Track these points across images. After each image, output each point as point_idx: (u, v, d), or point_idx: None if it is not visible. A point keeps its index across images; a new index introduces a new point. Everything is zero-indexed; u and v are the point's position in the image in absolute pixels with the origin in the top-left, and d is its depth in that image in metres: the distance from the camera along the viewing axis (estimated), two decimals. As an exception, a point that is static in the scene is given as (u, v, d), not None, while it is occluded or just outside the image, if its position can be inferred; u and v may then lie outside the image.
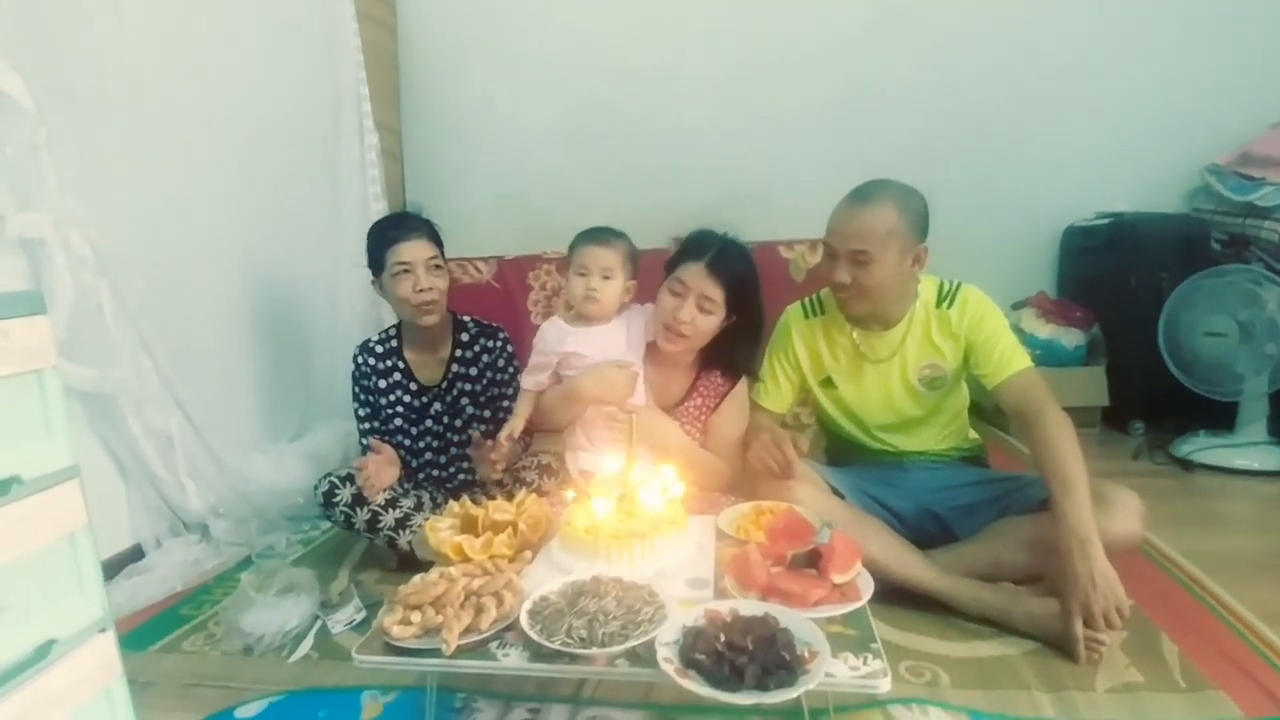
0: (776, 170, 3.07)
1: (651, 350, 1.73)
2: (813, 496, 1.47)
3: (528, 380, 1.73)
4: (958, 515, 1.61)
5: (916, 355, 1.63)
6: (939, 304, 1.61)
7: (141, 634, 1.62)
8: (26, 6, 1.59)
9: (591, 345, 1.67)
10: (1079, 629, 1.29)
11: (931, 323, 1.61)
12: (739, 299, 1.64)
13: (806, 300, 1.76)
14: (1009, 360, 1.55)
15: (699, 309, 1.62)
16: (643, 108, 3.13)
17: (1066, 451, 1.39)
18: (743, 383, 1.77)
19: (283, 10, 2.46)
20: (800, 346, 1.73)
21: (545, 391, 1.73)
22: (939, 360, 1.62)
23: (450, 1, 3.16)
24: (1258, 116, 2.75)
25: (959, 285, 1.63)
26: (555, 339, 1.69)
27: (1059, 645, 1.33)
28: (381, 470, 1.82)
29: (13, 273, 1.60)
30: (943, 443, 1.72)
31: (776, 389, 1.76)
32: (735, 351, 1.72)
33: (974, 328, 1.58)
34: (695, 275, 1.61)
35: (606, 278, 1.63)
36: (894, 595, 1.44)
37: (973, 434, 1.78)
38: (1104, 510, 1.36)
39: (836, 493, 1.58)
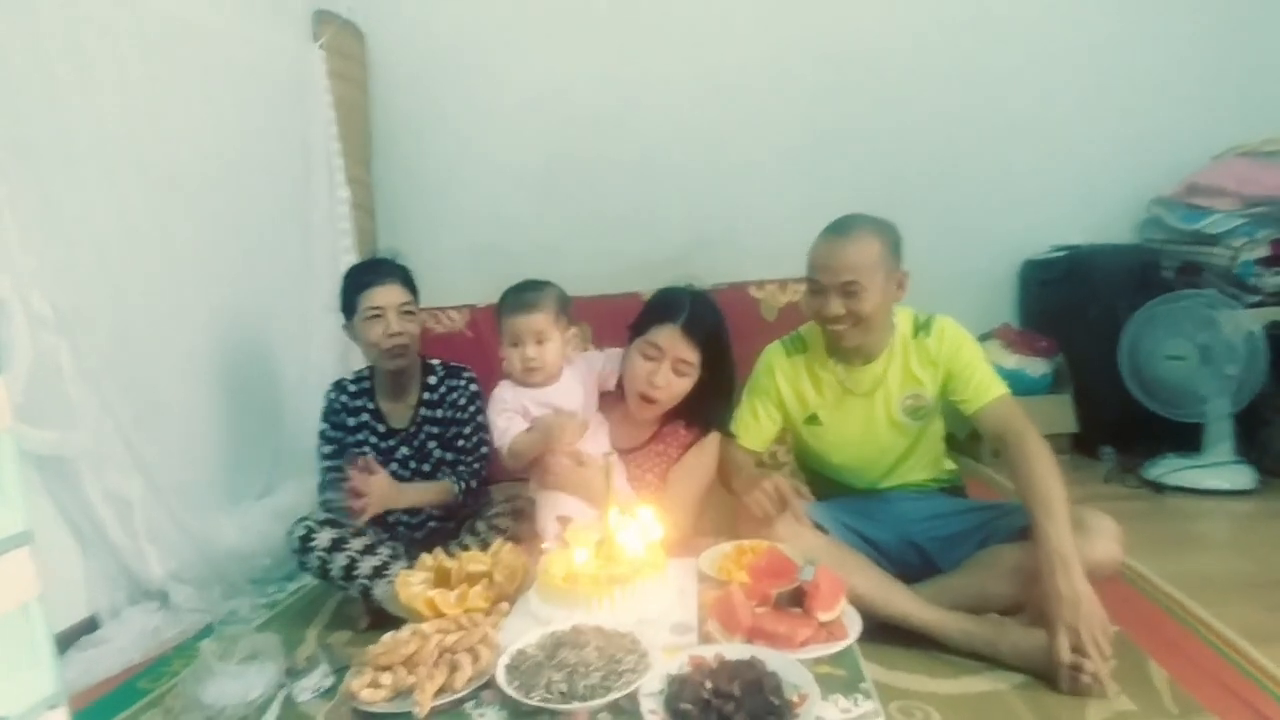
0: (744, 212, 3.13)
1: (612, 395, 1.71)
2: (795, 532, 1.46)
3: (502, 439, 1.64)
4: (940, 546, 1.60)
5: (899, 386, 1.65)
6: (915, 334, 1.65)
7: (96, 710, 1.54)
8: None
9: (547, 405, 1.63)
10: (1065, 652, 1.27)
11: (910, 353, 1.65)
12: (714, 357, 1.64)
13: (787, 339, 1.78)
14: (987, 387, 1.58)
15: (675, 372, 1.60)
16: (611, 156, 3.19)
17: (1047, 475, 1.40)
18: (710, 438, 1.73)
19: (252, 67, 2.47)
20: (784, 385, 1.73)
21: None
22: (920, 390, 1.64)
23: (421, 58, 3.21)
24: (1200, 149, 2.88)
25: (931, 316, 1.67)
26: (513, 399, 1.64)
27: (1048, 677, 1.31)
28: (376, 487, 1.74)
29: (-33, 333, 1.55)
30: (923, 472, 1.74)
31: (757, 427, 1.75)
32: (704, 407, 1.70)
33: (952, 355, 1.61)
34: (670, 338, 1.59)
35: (540, 342, 1.59)
36: (880, 632, 1.40)
37: (949, 463, 1.80)
38: (1082, 536, 1.36)
39: (819, 527, 1.56)
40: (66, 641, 1.72)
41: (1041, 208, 3.10)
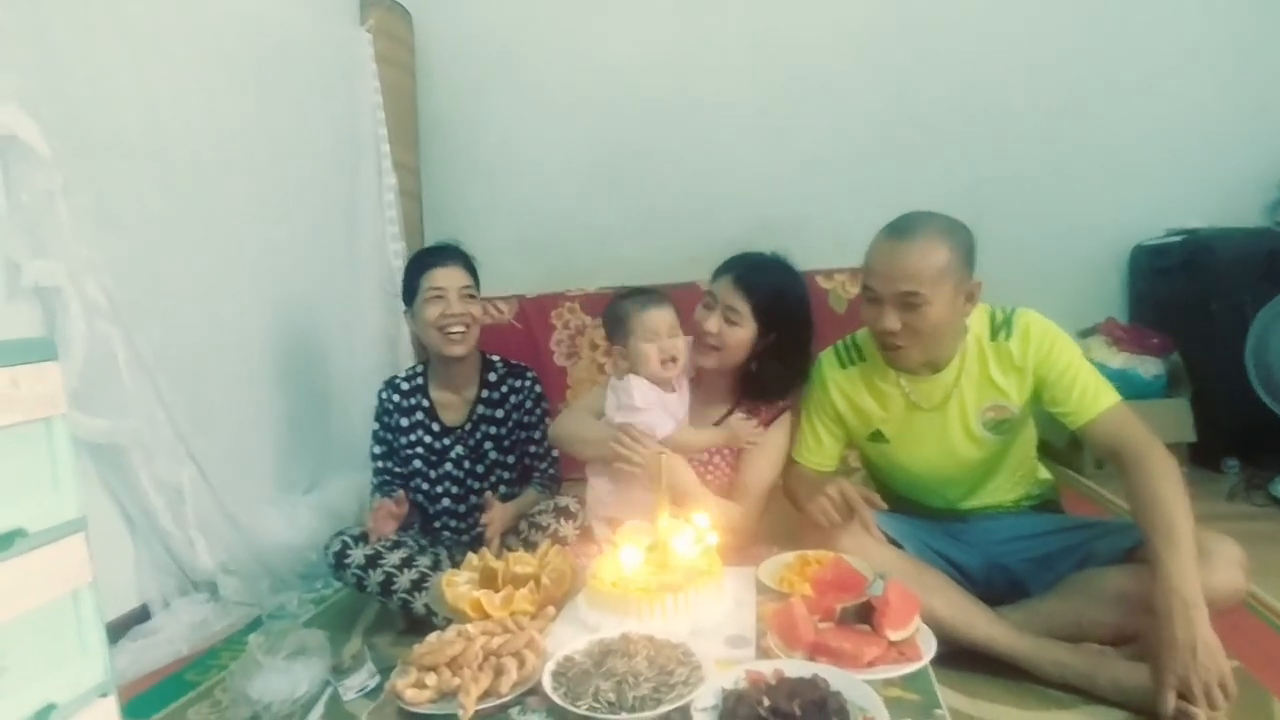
0: (813, 197, 3.09)
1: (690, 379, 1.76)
2: (864, 544, 1.42)
3: (629, 416, 1.65)
4: (1031, 569, 1.53)
5: (976, 396, 1.53)
6: (994, 336, 1.52)
7: (144, 701, 1.63)
8: (45, 56, 1.69)
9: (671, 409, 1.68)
10: (1171, 703, 1.20)
11: (989, 358, 1.52)
12: (771, 313, 1.66)
13: (840, 346, 1.69)
14: (1094, 396, 1.45)
15: (725, 320, 1.66)
16: (667, 141, 3.20)
17: (1171, 499, 1.29)
18: (781, 422, 1.75)
19: (300, 54, 2.58)
20: (840, 400, 1.66)
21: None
22: (1002, 400, 1.52)
23: (470, 41, 3.29)
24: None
25: (1013, 311, 1.53)
26: (643, 395, 1.65)
27: (1150, 716, 1.25)
28: (386, 518, 1.82)
29: (26, 320, 1.66)
30: (1012, 491, 1.64)
31: (819, 447, 1.70)
32: (771, 373, 1.72)
33: (1043, 360, 1.48)
34: (723, 287, 1.68)
35: (673, 335, 1.66)
36: (960, 657, 1.37)
37: (1043, 473, 1.71)
38: (1201, 561, 1.27)
39: (894, 542, 1.52)
40: (118, 631, 1.82)
41: (1155, 187, 2.95)
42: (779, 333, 1.68)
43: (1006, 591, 1.52)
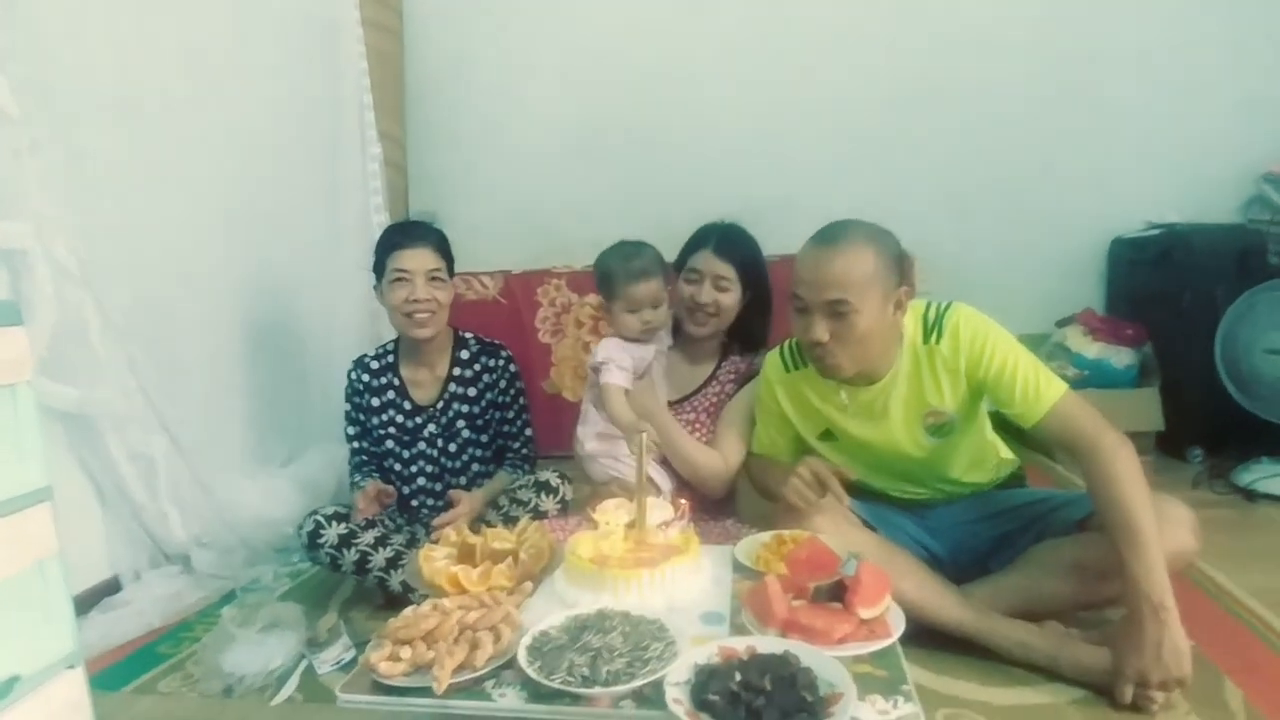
0: (804, 182, 3.07)
1: (675, 339, 1.92)
2: (839, 528, 1.43)
3: (619, 376, 1.73)
4: (994, 547, 1.58)
5: (916, 404, 1.51)
6: (926, 339, 1.48)
7: (115, 673, 1.62)
8: (11, 9, 1.63)
9: (648, 358, 1.81)
10: (1129, 695, 1.25)
11: (922, 363, 1.49)
12: (750, 275, 1.82)
13: (784, 349, 1.67)
14: (1038, 393, 1.41)
15: (716, 289, 1.80)
16: (658, 118, 3.16)
17: (1129, 493, 1.28)
18: (759, 377, 1.81)
19: (283, 14, 2.51)
20: (786, 403, 1.66)
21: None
22: (939, 406, 1.50)
23: (459, 7, 3.22)
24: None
25: (946, 308, 1.49)
26: (620, 357, 1.76)
27: (1110, 694, 1.29)
28: (372, 502, 1.82)
29: (-10, 284, 1.61)
30: (971, 477, 1.63)
31: (773, 445, 1.74)
32: (748, 325, 1.90)
33: (975, 364, 1.44)
34: (705, 260, 1.80)
35: (656, 306, 1.77)
36: (929, 635, 1.40)
37: (1005, 453, 1.69)
38: None
39: (868, 525, 1.55)
40: (88, 602, 1.80)
41: (1136, 181, 2.98)
42: (755, 288, 1.85)
43: (974, 571, 1.56)
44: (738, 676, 0.92)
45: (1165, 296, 2.70)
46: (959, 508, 1.64)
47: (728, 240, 1.83)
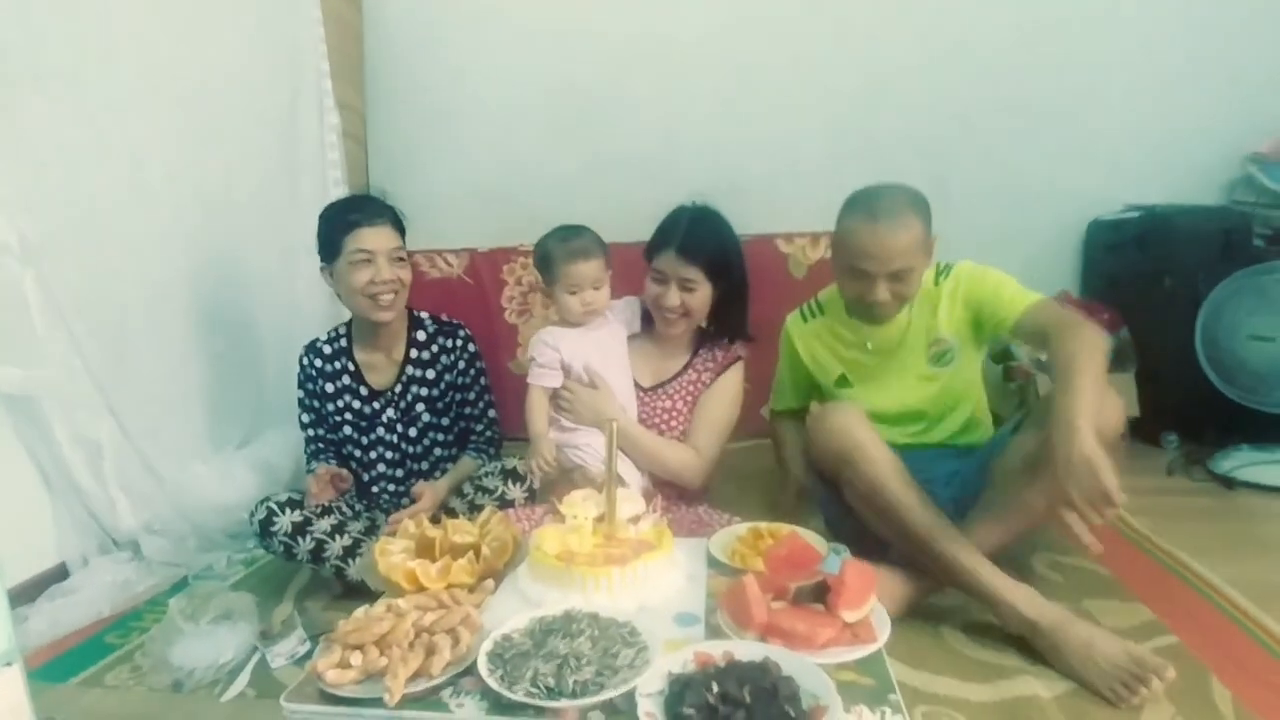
0: (778, 158, 2.98)
1: (638, 336, 1.88)
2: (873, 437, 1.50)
3: (545, 378, 1.76)
4: (967, 504, 1.58)
5: (925, 334, 1.70)
6: (936, 282, 1.69)
7: (61, 664, 1.55)
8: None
9: (589, 346, 1.79)
10: (1073, 523, 1.23)
11: (928, 300, 1.70)
12: (718, 269, 1.75)
13: (804, 307, 1.87)
14: (1019, 298, 1.58)
15: (682, 289, 1.74)
16: (632, 88, 3.04)
17: (1077, 345, 1.37)
18: (736, 368, 1.86)
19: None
20: (804, 352, 1.84)
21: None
22: (943, 333, 1.69)
23: (421, -31, 3.06)
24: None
25: (952, 263, 1.71)
26: (553, 349, 1.77)
27: (1097, 690, 1.26)
28: (326, 486, 1.74)
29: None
30: (966, 433, 1.75)
31: (792, 390, 1.93)
32: (723, 315, 1.85)
33: (972, 287, 1.64)
34: (669, 262, 1.74)
35: (597, 288, 1.74)
36: (905, 623, 1.37)
37: (988, 420, 1.82)
38: None
39: None
40: (34, 590, 1.74)
41: (1115, 161, 2.91)
42: (727, 280, 1.78)
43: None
44: (715, 687, 0.86)
45: (1145, 280, 2.66)
46: (958, 463, 1.70)
47: (693, 237, 1.75)
